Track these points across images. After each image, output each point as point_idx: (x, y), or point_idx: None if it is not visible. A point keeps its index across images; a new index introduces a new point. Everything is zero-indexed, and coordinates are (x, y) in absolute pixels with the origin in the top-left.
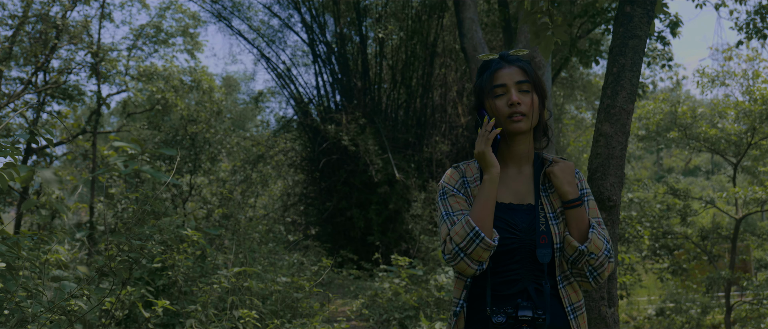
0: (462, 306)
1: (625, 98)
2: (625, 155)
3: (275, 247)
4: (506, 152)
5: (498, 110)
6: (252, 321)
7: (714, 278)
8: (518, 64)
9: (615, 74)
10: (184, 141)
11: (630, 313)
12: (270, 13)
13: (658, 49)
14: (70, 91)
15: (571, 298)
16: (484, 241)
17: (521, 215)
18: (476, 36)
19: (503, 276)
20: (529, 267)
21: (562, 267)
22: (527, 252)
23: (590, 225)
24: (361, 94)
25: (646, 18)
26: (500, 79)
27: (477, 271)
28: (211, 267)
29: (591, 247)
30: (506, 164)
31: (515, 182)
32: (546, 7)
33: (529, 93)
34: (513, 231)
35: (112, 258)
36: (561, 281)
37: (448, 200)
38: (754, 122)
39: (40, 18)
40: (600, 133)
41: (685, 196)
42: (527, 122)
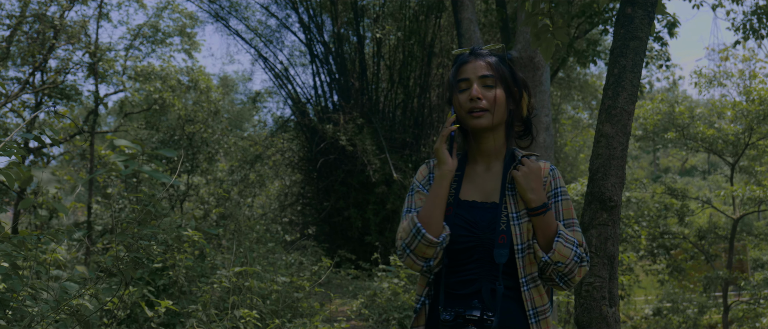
0: (423, 303)
1: (626, 99)
2: (625, 155)
3: (274, 247)
4: (475, 148)
5: (460, 105)
6: (253, 321)
7: (711, 277)
8: (485, 59)
9: (616, 75)
10: (181, 141)
11: (627, 313)
12: (267, 13)
13: (656, 49)
14: (68, 91)
15: (534, 301)
16: (426, 238)
17: (482, 214)
18: (474, 36)
19: (461, 275)
20: (487, 266)
21: (528, 269)
22: (486, 252)
23: (557, 233)
24: (359, 94)
25: (646, 19)
26: (464, 74)
27: (424, 267)
28: (210, 267)
29: (555, 257)
30: (475, 161)
31: (482, 179)
32: (547, 9)
33: (494, 88)
34: (472, 230)
35: (119, 259)
36: (526, 283)
37: (413, 196)
38: (751, 122)
39: (38, 18)
40: (601, 133)
41: (683, 196)
42: (489, 117)
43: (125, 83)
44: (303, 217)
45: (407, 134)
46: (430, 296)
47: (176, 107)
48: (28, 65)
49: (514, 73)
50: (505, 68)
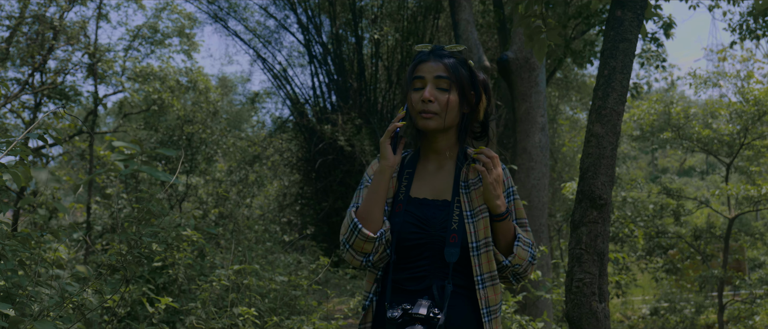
0: (371, 300)
1: (616, 100)
2: (615, 154)
3: (272, 246)
4: (427, 146)
5: (412, 104)
6: (251, 319)
7: (707, 277)
8: (444, 60)
9: (606, 76)
10: (180, 141)
11: (625, 313)
12: (266, 14)
13: (652, 50)
14: (67, 91)
15: (489, 300)
16: (362, 233)
17: (433, 211)
18: (472, 37)
19: (410, 271)
20: (438, 264)
21: (485, 267)
22: (437, 249)
23: (515, 237)
24: (357, 94)
25: (636, 22)
26: (420, 72)
27: (363, 262)
28: (209, 266)
29: (515, 260)
30: (427, 159)
31: (434, 177)
32: (539, 11)
33: (447, 91)
34: (421, 226)
35: (122, 254)
36: (482, 281)
37: (361, 191)
38: (746, 122)
39: (37, 19)
40: (591, 133)
41: (679, 196)
42: (438, 120)
43: (124, 83)
44: (301, 217)
45: (406, 135)
46: (378, 293)
47: (175, 107)
48: (27, 66)
49: (473, 77)
50: (464, 71)
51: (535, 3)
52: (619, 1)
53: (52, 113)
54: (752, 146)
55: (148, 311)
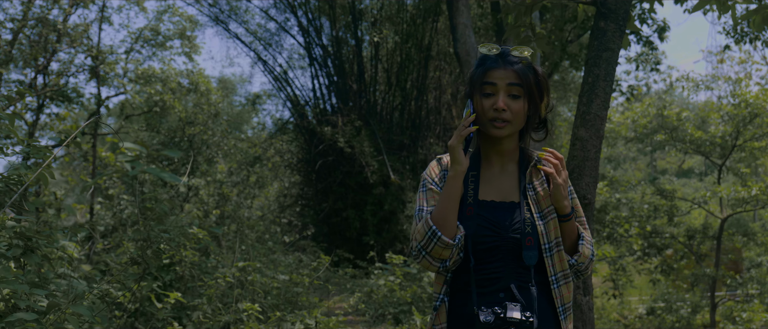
0: (442, 301)
1: (599, 106)
2: (599, 157)
3: (274, 246)
4: (491, 149)
5: (483, 110)
6: (255, 314)
7: (699, 275)
8: (514, 67)
9: (590, 84)
10: (182, 143)
11: (622, 312)
12: (267, 17)
13: (646, 53)
14: (69, 93)
15: (563, 298)
16: (442, 240)
17: (503, 213)
18: (469, 41)
19: (484, 273)
20: (513, 265)
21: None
22: (509, 251)
23: (579, 236)
24: (357, 96)
25: (618, 33)
26: (492, 78)
27: (440, 268)
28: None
29: (580, 259)
30: (491, 162)
31: (499, 179)
32: (528, 21)
33: (520, 98)
34: (494, 229)
35: (143, 249)
36: (556, 280)
37: (425, 193)
38: (738, 124)
39: (40, 21)
40: (576, 137)
41: (672, 197)
42: (510, 128)
43: (126, 85)
44: (302, 218)
45: (404, 136)
46: (448, 293)
47: (176, 109)
48: (30, 68)
49: (538, 78)
50: (532, 75)
51: (525, 14)
52: (602, 13)
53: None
54: (744, 147)
55: (157, 306)
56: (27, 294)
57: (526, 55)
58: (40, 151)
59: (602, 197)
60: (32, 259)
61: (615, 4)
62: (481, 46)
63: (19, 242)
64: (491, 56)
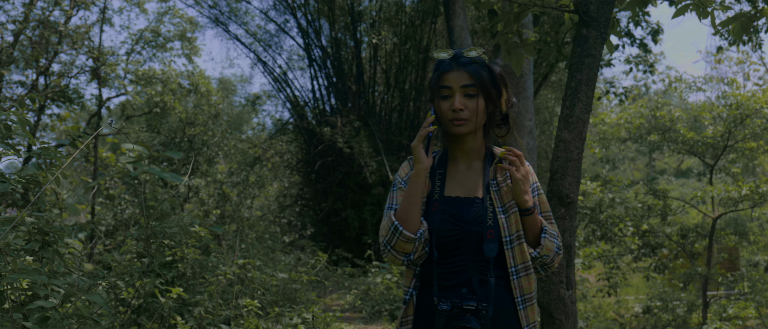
0: (411, 295)
1: (582, 109)
2: (581, 158)
3: (274, 245)
4: (456, 148)
5: (442, 112)
6: (254, 309)
7: (690, 274)
8: (467, 68)
9: (573, 88)
10: (182, 143)
11: (618, 311)
12: (266, 18)
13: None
14: (70, 94)
15: (523, 289)
16: (403, 234)
17: (467, 208)
18: (466, 43)
19: (449, 266)
20: (475, 258)
21: (519, 259)
22: (473, 244)
23: (542, 229)
24: (356, 97)
25: (600, 40)
26: (447, 81)
27: (404, 261)
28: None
29: (543, 251)
30: (456, 160)
31: (464, 176)
32: (516, 28)
33: (475, 97)
34: (457, 223)
35: (149, 244)
36: (516, 272)
37: (395, 192)
38: (729, 125)
39: (42, 23)
40: (560, 139)
41: (664, 196)
42: (469, 125)
43: (127, 86)
44: (301, 218)
45: (403, 137)
46: (417, 287)
47: (177, 110)
48: (31, 69)
49: (492, 76)
50: (486, 73)
51: (514, 22)
52: (584, 21)
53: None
54: (735, 148)
55: (160, 301)
56: (45, 284)
57: (478, 55)
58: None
59: (596, 196)
60: (49, 253)
61: (597, 13)
62: (435, 51)
63: (37, 238)
64: (445, 61)
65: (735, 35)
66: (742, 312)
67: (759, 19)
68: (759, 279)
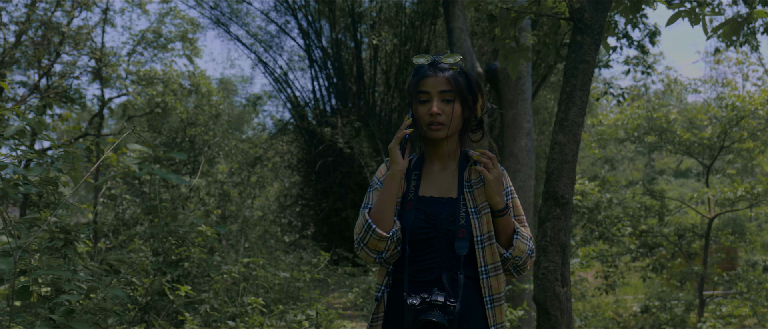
0: (384, 292)
1: (576, 113)
2: (576, 160)
3: (276, 244)
4: (432, 150)
5: (420, 116)
6: (259, 307)
7: (687, 273)
8: (445, 74)
9: (568, 93)
10: (183, 144)
11: (617, 311)
12: (267, 19)
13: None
14: (71, 94)
15: (491, 289)
16: (376, 232)
17: (440, 208)
18: (465, 45)
19: (421, 264)
20: (446, 256)
21: (489, 259)
22: (445, 243)
23: (514, 231)
24: (356, 98)
25: (594, 46)
26: (425, 87)
27: (377, 259)
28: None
29: (515, 252)
30: (432, 161)
31: (439, 177)
32: (513, 33)
33: (452, 102)
34: (430, 221)
35: (162, 242)
36: (486, 272)
37: (371, 193)
38: (725, 126)
39: (45, 24)
40: (555, 142)
41: (661, 197)
42: (445, 130)
43: (128, 87)
44: (302, 218)
45: None
46: (390, 285)
47: (178, 110)
48: (33, 69)
49: (469, 82)
50: (462, 79)
51: (510, 27)
52: (578, 28)
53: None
54: (731, 149)
55: (169, 298)
56: (69, 279)
57: (455, 61)
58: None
59: (594, 196)
60: (70, 251)
61: (590, 20)
62: (414, 57)
63: (60, 236)
64: (423, 66)
65: (726, 38)
66: (735, 310)
67: (749, 22)
68: (754, 279)
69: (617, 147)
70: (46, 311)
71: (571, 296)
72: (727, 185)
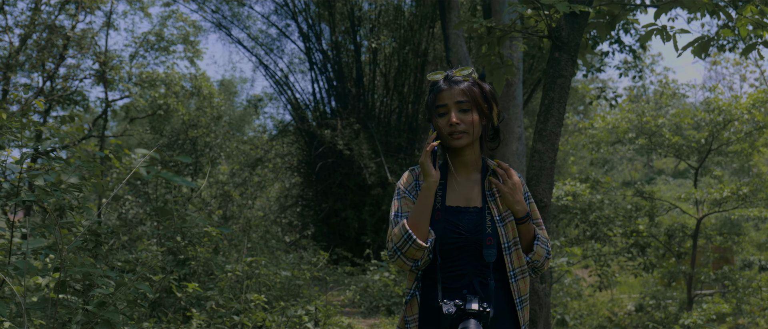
0: (414, 294)
1: (554, 123)
2: (554, 166)
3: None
4: (456, 160)
5: (441, 128)
6: (261, 303)
7: (674, 272)
8: (459, 86)
9: (546, 105)
10: (185, 145)
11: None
12: (268, 23)
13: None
14: (74, 96)
15: (520, 291)
16: (416, 243)
17: (467, 217)
18: (461, 50)
19: (451, 271)
20: (475, 263)
21: (516, 263)
22: (473, 250)
23: (535, 236)
24: (356, 100)
25: (570, 62)
26: (442, 100)
27: (412, 267)
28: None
29: (535, 256)
30: (457, 172)
31: (464, 187)
32: (497, 50)
33: (470, 111)
34: (459, 232)
35: (177, 241)
36: (513, 276)
37: (399, 201)
38: (712, 130)
39: (49, 28)
40: (535, 150)
41: (651, 198)
42: (467, 137)
43: (131, 89)
44: (302, 218)
45: (402, 139)
46: (420, 288)
47: (180, 112)
48: (37, 72)
49: (483, 92)
50: (477, 89)
51: (497, 44)
52: (557, 45)
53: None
54: (720, 151)
55: (177, 295)
56: (100, 275)
57: (468, 73)
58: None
59: (585, 198)
60: (100, 250)
61: (567, 38)
62: (429, 75)
63: (92, 238)
64: (438, 82)
65: (696, 53)
66: (715, 307)
67: (716, 41)
68: (739, 278)
69: (608, 150)
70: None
71: (549, 292)
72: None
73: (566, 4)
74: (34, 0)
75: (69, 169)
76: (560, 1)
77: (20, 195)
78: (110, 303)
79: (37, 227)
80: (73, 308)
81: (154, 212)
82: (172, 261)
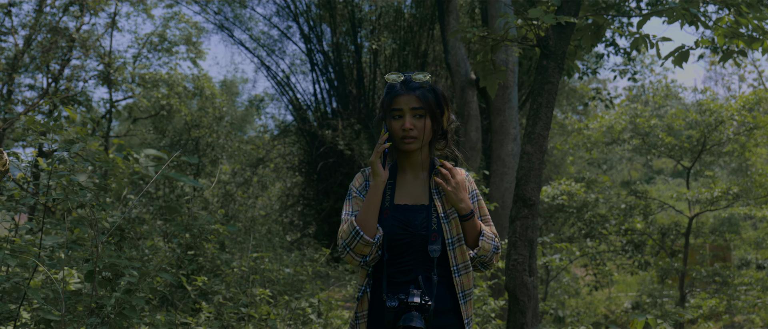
0: (365, 291)
1: (542, 127)
2: (542, 167)
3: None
4: (405, 160)
5: (394, 131)
6: (266, 297)
7: (666, 269)
8: (416, 92)
9: (535, 109)
10: (187, 145)
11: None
12: (270, 24)
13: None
14: (78, 97)
15: (463, 285)
16: (363, 239)
17: (414, 215)
18: (459, 53)
19: (398, 266)
20: (421, 258)
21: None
22: (419, 247)
23: (480, 232)
24: (356, 100)
25: (557, 69)
26: (397, 104)
27: (361, 263)
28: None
29: (481, 252)
30: (405, 171)
31: (412, 186)
32: (491, 57)
33: (423, 117)
34: (406, 228)
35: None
36: (457, 271)
37: (350, 201)
38: (703, 131)
39: (53, 30)
40: (524, 151)
41: (645, 197)
42: (417, 143)
43: (134, 89)
44: (303, 217)
45: None
46: (371, 285)
47: (182, 112)
48: (41, 73)
49: (437, 98)
50: (432, 96)
51: (489, 52)
52: (544, 53)
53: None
54: (712, 152)
55: (187, 289)
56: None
57: (425, 79)
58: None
59: (580, 197)
60: (126, 244)
61: (554, 47)
62: (387, 75)
63: (117, 233)
64: (396, 84)
65: (676, 62)
66: (703, 302)
67: (695, 50)
68: (729, 275)
69: (605, 150)
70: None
71: (537, 284)
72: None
73: (552, 17)
74: (38, 2)
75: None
76: (546, 13)
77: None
78: (137, 290)
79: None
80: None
81: (162, 210)
82: (183, 255)
